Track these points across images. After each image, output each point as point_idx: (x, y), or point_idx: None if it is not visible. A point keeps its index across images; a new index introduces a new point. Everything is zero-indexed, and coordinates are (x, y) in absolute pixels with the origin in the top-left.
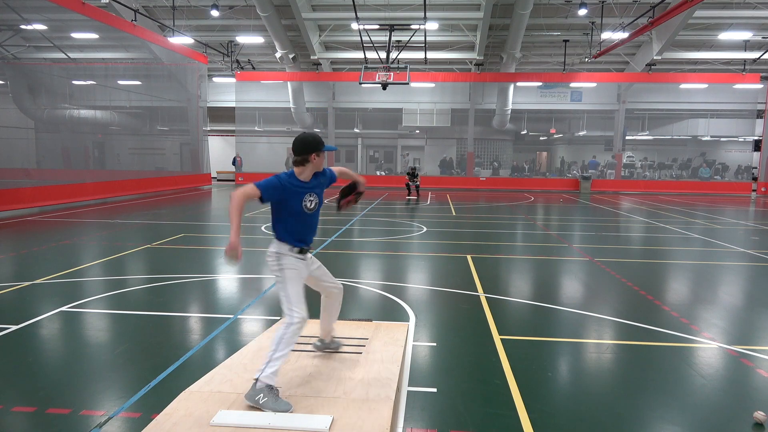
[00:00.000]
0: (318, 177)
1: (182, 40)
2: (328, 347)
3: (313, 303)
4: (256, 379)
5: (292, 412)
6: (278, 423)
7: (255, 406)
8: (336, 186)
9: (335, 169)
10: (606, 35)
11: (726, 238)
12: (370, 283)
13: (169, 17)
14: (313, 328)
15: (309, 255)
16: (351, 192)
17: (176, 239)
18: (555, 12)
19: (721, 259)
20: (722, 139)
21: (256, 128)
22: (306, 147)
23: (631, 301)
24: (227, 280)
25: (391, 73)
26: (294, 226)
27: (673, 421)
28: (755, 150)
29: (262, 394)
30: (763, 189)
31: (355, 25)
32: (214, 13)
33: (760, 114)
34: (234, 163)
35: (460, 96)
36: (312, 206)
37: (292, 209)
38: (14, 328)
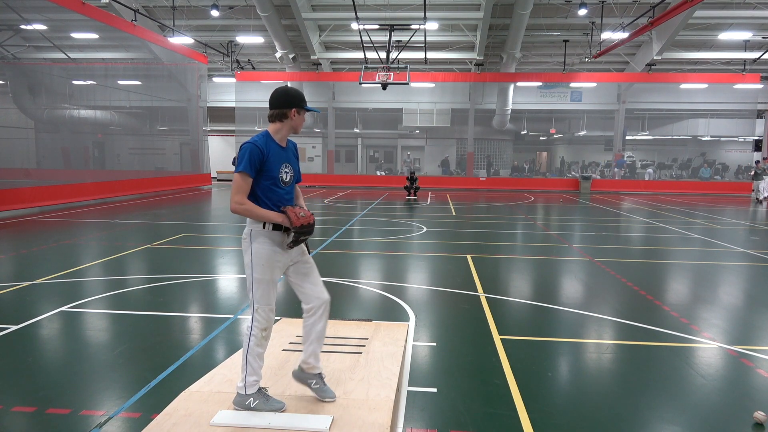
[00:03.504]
0: (290, 143)
1: (182, 40)
2: (306, 382)
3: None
4: (240, 393)
5: (284, 410)
6: (278, 423)
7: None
8: None
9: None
10: (606, 35)
11: (726, 238)
12: (370, 283)
13: (169, 17)
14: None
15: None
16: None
17: (176, 239)
18: (555, 12)
19: (721, 259)
20: (722, 139)
21: (256, 128)
22: (288, 100)
23: (631, 301)
24: (227, 280)
25: (391, 73)
26: (269, 198)
27: (673, 421)
28: (755, 150)
29: (251, 399)
30: None
31: (355, 25)
32: (214, 13)
33: (760, 114)
34: (234, 163)
35: (460, 96)
36: (288, 179)
37: (269, 176)
38: (14, 328)
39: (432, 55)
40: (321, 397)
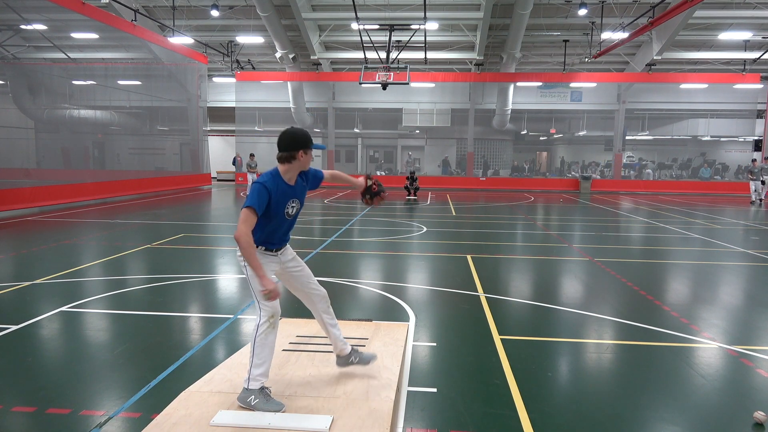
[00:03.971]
0: (302, 177)
1: (182, 40)
2: (350, 362)
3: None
4: (245, 388)
5: (284, 411)
6: (278, 423)
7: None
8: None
9: (326, 172)
10: (606, 35)
11: (726, 238)
12: (370, 283)
13: (169, 17)
14: (312, 327)
15: (284, 249)
16: (369, 194)
17: (176, 239)
18: (555, 12)
19: (721, 259)
20: (722, 139)
21: (256, 128)
22: (294, 143)
23: (631, 301)
24: (227, 280)
25: (391, 73)
26: (266, 228)
27: (673, 421)
28: (755, 150)
29: (252, 396)
30: None
31: (355, 25)
32: (214, 13)
33: (760, 114)
34: (234, 163)
35: (460, 96)
36: (293, 212)
37: (272, 213)
38: (14, 328)
39: (432, 55)
40: (365, 364)
